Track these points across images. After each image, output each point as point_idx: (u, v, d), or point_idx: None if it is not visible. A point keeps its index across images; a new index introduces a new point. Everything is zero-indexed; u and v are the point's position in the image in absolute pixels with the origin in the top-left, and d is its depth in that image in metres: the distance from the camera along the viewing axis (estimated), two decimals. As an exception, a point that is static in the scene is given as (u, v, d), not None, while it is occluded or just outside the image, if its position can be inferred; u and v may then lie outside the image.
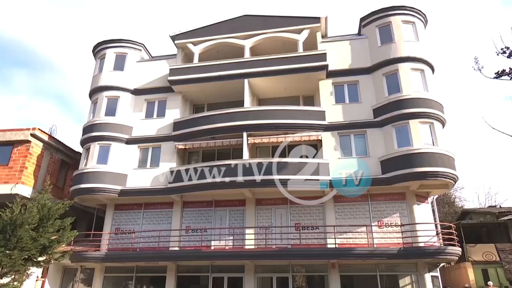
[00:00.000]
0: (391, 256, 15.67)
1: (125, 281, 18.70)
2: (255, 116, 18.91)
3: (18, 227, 14.36)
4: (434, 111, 17.42)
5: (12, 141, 19.47)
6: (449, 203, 34.93)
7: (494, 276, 19.86)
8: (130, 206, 20.01)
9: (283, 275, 16.99)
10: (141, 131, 20.55)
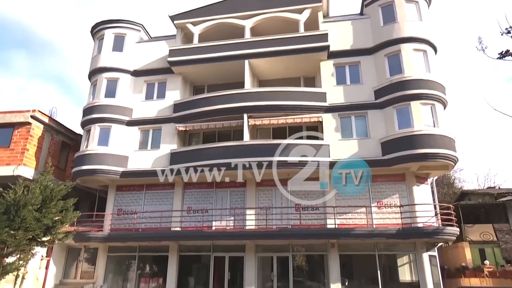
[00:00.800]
0: (390, 236, 15.90)
1: (128, 260, 19.06)
2: (256, 97, 18.85)
3: (22, 208, 14.57)
4: (435, 92, 17.33)
5: (13, 123, 19.48)
6: (448, 184, 35.17)
7: (491, 255, 20.19)
8: (131, 187, 20.18)
9: (283, 254, 17.28)
10: (141, 112, 20.52)
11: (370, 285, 16.48)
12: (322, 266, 17.27)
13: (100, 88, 20.68)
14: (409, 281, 16.56)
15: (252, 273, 17.08)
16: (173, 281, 17.73)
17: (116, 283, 18.79)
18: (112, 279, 18.79)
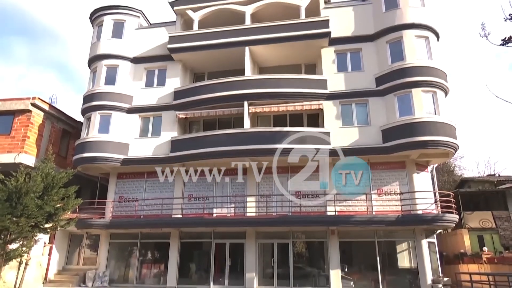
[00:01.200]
0: (390, 223, 16.02)
1: (130, 247, 19.26)
2: (256, 84, 18.76)
3: (24, 195, 14.67)
4: (437, 79, 17.23)
5: (13, 111, 19.46)
6: (448, 172, 35.25)
7: (489, 242, 20.36)
8: (132, 175, 20.26)
9: (283, 241, 17.44)
10: (141, 100, 20.47)
11: (370, 271, 16.68)
12: (322, 252, 17.44)
13: (100, 76, 20.58)
14: (408, 267, 16.75)
15: (253, 260, 17.27)
16: (174, 267, 17.95)
17: (118, 269, 19.03)
18: (114, 265, 19.02)
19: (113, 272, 18.75)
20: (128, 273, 18.79)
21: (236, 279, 17.35)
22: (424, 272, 16.01)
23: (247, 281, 16.99)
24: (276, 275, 17.07)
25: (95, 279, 17.76)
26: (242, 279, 17.20)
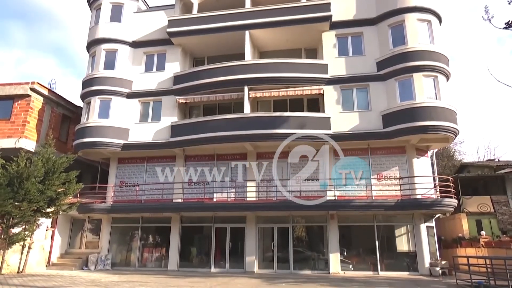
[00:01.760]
0: (389, 208, 16.14)
1: (132, 231, 19.46)
2: (256, 69, 18.63)
3: (25, 180, 14.76)
4: (439, 64, 17.10)
5: (12, 96, 19.38)
6: (448, 156, 35.30)
7: (487, 226, 20.54)
8: (133, 160, 20.31)
9: (283, 225, 17.60)
10: (141, 85, 20.36)
11: (369, 255, 16.89)
12: (321, 236, 17.62)
13: (99, 60, 20.41)
14: (406, 251, 16.95)
15: (253, 244, 17.46)
16: (175, 251, 18.17)
17: (120, 252, 19.27)
18: (116, 249, 19.25)
19: (115, 256, 18.99)
20: (130, 256, 19.04)
21: (237, 262, 17.59)
22: (422, 256, 16.22)
23: (248, 264, 17.22)
24: (276, 258, 17.30)
25: (97, 262, 18.00)
26: (242, 262, 17.43)
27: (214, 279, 13.79)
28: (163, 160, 19.89)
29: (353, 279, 14.17)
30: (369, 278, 14.86)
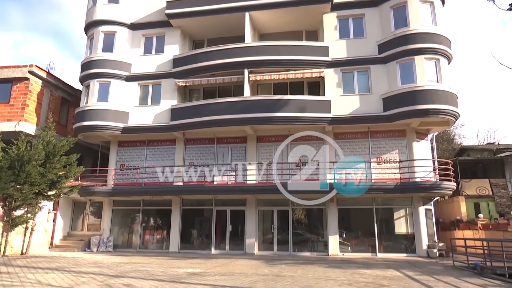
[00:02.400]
0: (388, 191, 16.26)
1: (133, 214, 19.65)
2: (256, 52, 18.46)
3: (26, 163, 14.83)
4: (441, 46, 16.92)
5: (11, 78, 19.24)
6: (448, 140, 35.32)
7: (485, 209, 20.73)
8: (133, 143, 20.33)
9: (283, 208, 17.76)
10: (140, 68, 20.19)
11: (367, 237, 17.10)
12: (321, 219, 17.80)
13: (97, 42, 20.18)
14: (405, 233, 17.17)
15: (253, 226, 17.66)
16: (176, 233, 18.39)
17: (122, 235, 19.51)
18: (118, 231, 19.48)
19: (117, 238, 19.22)
20: (132, 238, 19.28)
21: (237, 244, 17.82)
22: (420, 238, 16.42)
23: (248, 246, 17.45)
24: (276, 241, 17.52)
25: (99, 244, 18.24)
26: (242, 244, 17.66)
27: (215, 261, 14.01)
28: (163, 144, 19.93)
29: (351, 261, 14.39)
30: (367, 259, 15.09)
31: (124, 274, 9.86)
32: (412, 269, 11.74)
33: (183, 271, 10.65)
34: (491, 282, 9.43)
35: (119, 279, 8.82)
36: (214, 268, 11.51)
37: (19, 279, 8.53)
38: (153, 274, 9.97)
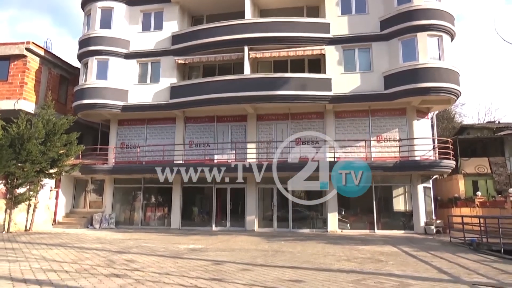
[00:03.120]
0: (387, 169, 16.35)
1: (134, 191, 19.84)
2: (256, 28, 18.16)
3: (26, 141, 14.86)
4: (444, 23, 16.63)
5: (8, 56, 19.02)
6: (448, 118, 35.24)
7: (483, 187, 20.90)
8: (133, 121, 20.30)
9: (283, 186, 17.86)
10: (139, 45, 19.92)
11: (366, 215, 17.31)
12: (320, 196, 17.94)
13: (95, 19, 19.83)
14: (403, 211, 17.38)
15: (253, 203, 17.85)
16: (177, 211, 18.62)
17: (124, 212, 19.77)
18: (120, 208, 19.72)
19: (119, 215, 19.48)
20: (133, 216, 19.53)
21: (237, 221, 18.07)
22: (418, 215, 16.63)
23: (248, 223, 17.70)
24: (276, 218, 17.75)
25: (101, 221, 18.50)
26: (243, 221, 17.91)
27: (216, 237, 14.25)
28: (163, 122, 19.90)
29: (350, 237, 14.64)
30: (365, 236, 15.34)
31: (126, 250, 10.05)
32: (409, 245, 11.95)
33: (184, 247, 10.85)
34: (486, 258, 9.62)
35: (121, 255, 9.00)
36: (215, 244, 11.72)
37: (24, 255, 8.71)
38: (155, 250, 10.16)
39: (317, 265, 7.92)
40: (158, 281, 6.02)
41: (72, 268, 7.11)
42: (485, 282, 6.48)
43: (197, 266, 7.60)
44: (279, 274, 6.84)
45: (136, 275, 6.49)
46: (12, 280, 5.89)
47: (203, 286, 5.73)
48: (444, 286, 6.03)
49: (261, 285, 5.84)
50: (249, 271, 7.14)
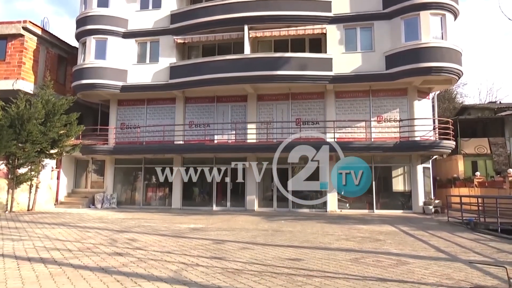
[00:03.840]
0: (387, 149, 16.39)
1: (135, 172, 19.95)
2: (257, 7, 17.84)
3: (26, 121, 14.86)
4: (448, 1, 16.31)
5: (5, 35, 18.75)
6: (449, 99, 35.06)
7: (483, 167, 20.97)
8: (133, 102, 20.21)
9: (283, 166, 17.96)
10: (137, 24, 19.63)
11: (365, 195, 17.42)
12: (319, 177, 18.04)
13: (92, -3, 19.48)
14: (402, 191, 17.52)
15: (253, 183, 17.96)
16: (178, 191, 18.77)
17: (125, 192, 19.94)
18: (121, 188, 19.88)
19: (120, 195, 19.66)
20: (134, 196, 19.71)
21: (238, 201, 18.25)
22: (417, 195, 16.78)
23: (248, 203, 17.88)
24: (276, 197, 17.91)
25: (103, 201, 18.69)
26: (243, 201, 18.09)
27: (216, 217, 14.42)
28: (163, 102, 19.83)
29: (348, 217, 14.81)
30: (364, 216, 15.52)
31: (128, 229, 10.20)
32: (407, 224, 12.11)
33: (185, 227, 10.99)
34: (483, 237, 9.76)
35: (123, 234, 9.13)
36: (216, 224, 11.87)
37: (27, 234, 8.84)
38: (156, 229, 10.31)
39: (316, 244, 8.05)
40: (160, 259, 6.14)
41: (75, 246, 7.24)
42: (481, 260, 6.60)
43: (198, 245, 7.72)
44: (279, 253, 6.96)
45: (139, 254, 6.61)
46: (17, 259, 6.01)
47: (204, 264, 5.84)
48: (441, 264, 6.15)
49: (261, 263, 5.96)
50: (249, 249, 7.26)
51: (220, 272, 5.30)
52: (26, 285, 4.49)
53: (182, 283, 4.71)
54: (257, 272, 5.34)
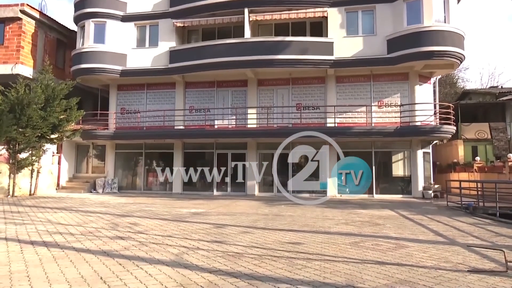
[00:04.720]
0: (387, 135, 16.38)
1: (136, 157, 20.01)
2: (257, -11, 17.57)
3: (26, 106, 14.83)
4: (451, -17, 16.06)
5: (3, 18, 18.53)
6: (451, 83, 34.86)
7: (482, 152, 21.01)
8: (132, 86, 20.12)
9: (283, 151, 17.95)
10: (136, 7, 19.38)
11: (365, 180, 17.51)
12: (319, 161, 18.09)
13: (89, -21, 19.16)
14: (402, 176, 17.59)
15: (254, 168, 18.01)
16: (179, 176, 18.84)
17: (126, 177, 20.04)
18: (122, 173, 19.97)
19: (121, 180, 19.75)
20: (136, 181, 19.81)
21: (238, 186, 18.34)
22: (417, 180, 16.85)
23: (248, 188, 17.97)
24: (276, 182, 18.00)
25: (104, 186, 18.79)
26: (243, 186, 18.18)
27: (217, 201, 14.52)
28: (163, 87, 19.74)
29: (348, 201, 14.91)
30: (364, 200, 15.62)
31: (129, 213, 10.28)
32: (407, 209, 12.20)
33: (186, 211, 11.08)
34: (481, 221, 9.84)
35: (125, 218, 9.21)
36: (216, 209, 11.96)
37: (30, 218, 8.92)
38: (157, 213, 10.39)
39: (316, 228, 8.13)
40: (161, 243, 6.21)
41: (77, 230, 7.31)
42: (479, 244, 6.67)
43: (199, 229, 7.80)
44: (279, 237, 7.03)
45: (140, 237, 6.68)
46: (20, 242, 6.08)
47: (205, 247, 5.91)
48: (439, 248, 6.22)
49: (261, 247, 6.03)
50: (249, 233, 7.33)
51: (220, 256, 5.36)
52: (30, 268, 4.56)
53: (183, 266, 4.77)
54: (258, 256, 5.41)
